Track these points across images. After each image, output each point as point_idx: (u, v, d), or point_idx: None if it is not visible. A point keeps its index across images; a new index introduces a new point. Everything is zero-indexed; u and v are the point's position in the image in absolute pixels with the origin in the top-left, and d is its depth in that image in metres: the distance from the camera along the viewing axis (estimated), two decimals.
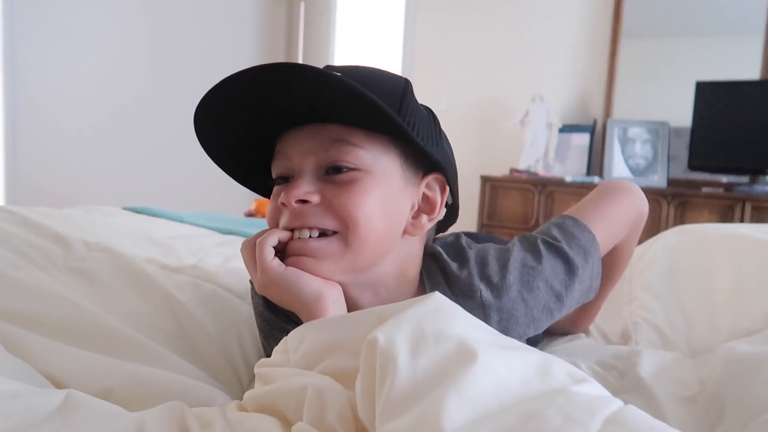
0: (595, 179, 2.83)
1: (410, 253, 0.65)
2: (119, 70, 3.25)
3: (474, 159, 3.33)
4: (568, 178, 2.83)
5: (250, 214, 1.17)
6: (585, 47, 3.13)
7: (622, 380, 0.68)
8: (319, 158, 0.58)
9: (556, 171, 3.10)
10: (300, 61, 3.97)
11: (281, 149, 0.61)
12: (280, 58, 4.01)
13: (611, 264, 0.78)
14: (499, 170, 3.23)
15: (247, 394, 0.50)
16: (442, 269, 0.65)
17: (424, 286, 0.65)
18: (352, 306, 0.61)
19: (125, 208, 1.42)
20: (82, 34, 3.08)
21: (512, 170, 3.07)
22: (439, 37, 3.55)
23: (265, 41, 3.96)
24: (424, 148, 0.59)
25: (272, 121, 0.59)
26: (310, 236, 0.58)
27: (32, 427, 0.43)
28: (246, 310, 0.77)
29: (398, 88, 0.61)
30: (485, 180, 3.04)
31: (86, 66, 3.11)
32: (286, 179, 0.61)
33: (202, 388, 0.61)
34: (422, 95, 0.67)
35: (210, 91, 0.56)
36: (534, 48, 3.26)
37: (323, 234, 0.58)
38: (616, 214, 0.72)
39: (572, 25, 3.16)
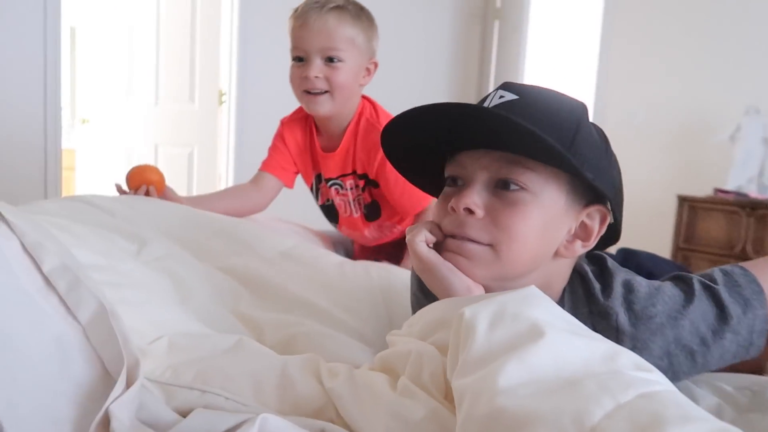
0: None
1: (558, 272, 0.67)
2: None
3: (671, 177, 3.08)
4: None
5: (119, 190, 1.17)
6: None
7: (752, 398, 0.64)
8: (492, 173, 0.63)
9: None
10: (492, 78, 4.05)
11: (459, 158, 0.66)
12: (473, 76, 4.14)
13: None
14: (701, 190, 2.94)
15: (376, 356, 0.60)
16: (585, 288, 0.67)
17: (563, 301, 0.68)
18: None
19: None
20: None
21: (717, 190, 2.78)
22: (638, 49, 3.36)
23: (460, 59, 4.11)
24: (591, 182, 0.61)
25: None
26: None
27: (215, 357, 0.59)
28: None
29: (574, 117, 0.63)
30: (683, 200, 2.80)
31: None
32: (456, 181, 0.66)
33: (356, 351, 0.74)
34: (618, 109, 0.69)
35: (404, 113, 0.64)
36: (747, 55, 2.92)
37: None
38: None
39: None
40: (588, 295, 0.66)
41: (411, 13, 3.80)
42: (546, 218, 0.62)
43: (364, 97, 1.35)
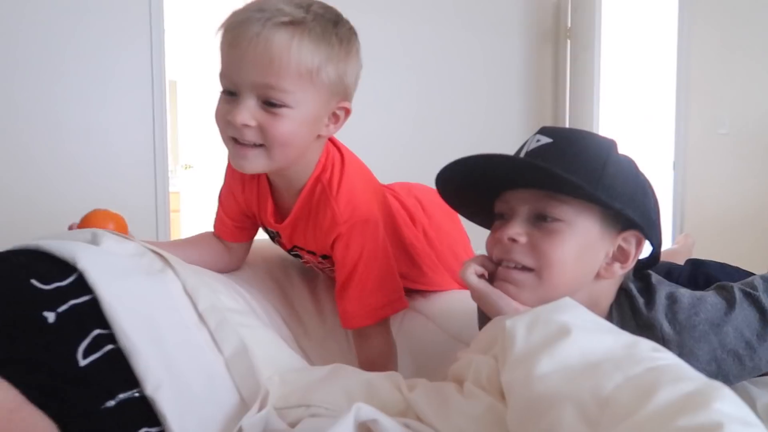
0: None
1: (602, 291, 0.76)
2: (392, 108, 3.62)
3: (765, 189, 2.95)
4: None
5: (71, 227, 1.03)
6: None
7: None
8: (531, 207, 0.74)
9: None
10: (567, 97, 4.06)
11: (504, 196, 0.78)
12: (548, 96, 4.17)
13: None
14: None
15: (448, 370, 0.71)
16: (631, 304, 0.75)
17: (611, 318, 0.77)
18: None
19: None
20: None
21: None
22: (720, 53, 3.26)
23: (533, 80, 4.15)
24: (620, 211, 0.70)
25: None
26: (514, 267, 0.75)
27: (316, 381, 0.72)
28: None
29: (602, 153, 0.73)
30: None
31: (356, 103, 3.67)
32: (503, 216, 0.78)
33: None
34: (702, 120, 0.76)
35: (450, 165, 0.75)
36: None
37: (525, 268, 0.74)
38: None
39: None
40: (633, 310, 0.74)
41: (482, 37, 3.90)
42: (582, 244, 0.71)
43: (330, 144, 0.94)
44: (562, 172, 0.66)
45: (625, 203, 0.70)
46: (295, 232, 0.96)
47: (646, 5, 4.11)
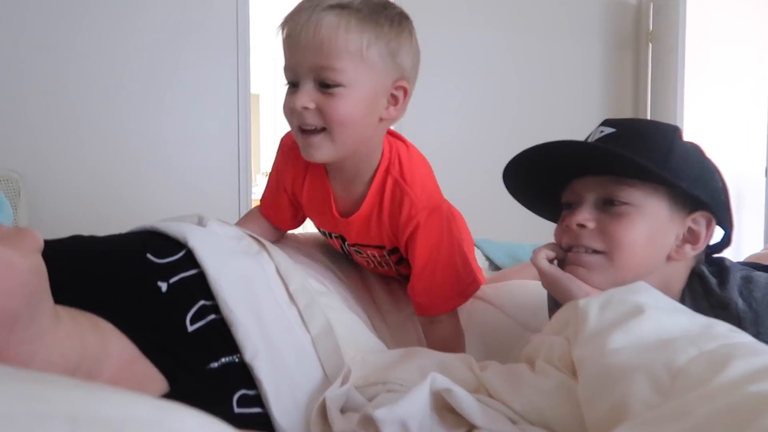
0: None
1: (674, 274, 0.77)
2: (467, 115, 3.66)
3: None
4: None
5: None
6: None
7: None
8: (599, 193, 0.76)
9: None
10: (649, 102, 3.93)
11: (571, 186, 0.81)
12: (628, 101, 4.05)
13: None
14: None
15: (521, 353, 0.73)
16: (704, 286, 0.75)
17: (684, 300, 0.77)
18: None
19: None
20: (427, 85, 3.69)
21: None
22: None
23: (612, 85, 4.04)
24: (687, 191, 0.71)
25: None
26: (584, 251, 0.77)
27: (393, 361, 0.76)
28: None
29: (667, 138, 0.75)
30: None
31: (436, 109, 3.71)
32: (571, 206, 0.80)
33: None
34: None
35: (520, 154, 0.79)
36: None
37: (595, 251, 0.76)
38: None
39: None
40: (706, 291, 0.74)
41: (562, 42, 3.85)
42: (651, 226, 0.72)
43: (390, 137, 0.95)
44: (631, 154, 0.68)
45: (691, 184, 0.71)
46: (365, 226, 0.96)
47: (732, 6, 3.92)
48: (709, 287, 0.74)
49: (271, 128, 4.44)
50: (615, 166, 0.72)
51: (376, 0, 0.84)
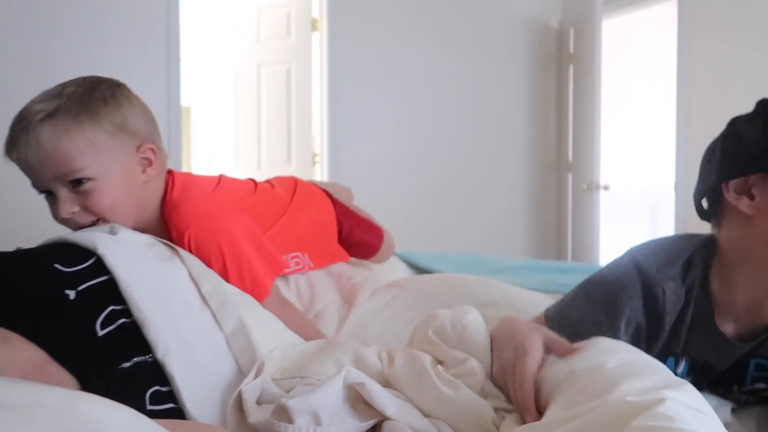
0: None
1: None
2: (403, 125, 3.71)
3: None
4: None
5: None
6: None
7: None
8: None
9: None
10: (570, 120, 4.14)
11: None
12: (552, 116, 4.26)
13: None
14: None
15: None
16: None
17: None
18: None
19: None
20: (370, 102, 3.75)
21: None
22: (721, 73, 3.33)
23: (536, 103, 4.23)
24: None
25: None
26: None
27: (311, 354, 0.79)
28: None
29: None
30: None
31: (370, 123, 3.76)
32: None
33: None
34: (703, 141, 0.85)
35: None
36: None
37: None
38: None
39: None
40: None
41: (491, 62, 4.02)
42: None
43: (167, 176, 0.98)
44: None
45: None
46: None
47: (644, 28, 4.22)
48: None
49: (203, 142, 4.38)
50: None
51: (82, 88, 0.84)
